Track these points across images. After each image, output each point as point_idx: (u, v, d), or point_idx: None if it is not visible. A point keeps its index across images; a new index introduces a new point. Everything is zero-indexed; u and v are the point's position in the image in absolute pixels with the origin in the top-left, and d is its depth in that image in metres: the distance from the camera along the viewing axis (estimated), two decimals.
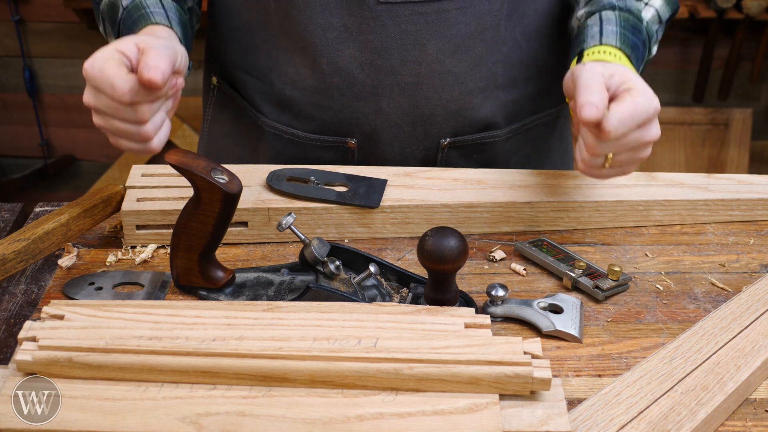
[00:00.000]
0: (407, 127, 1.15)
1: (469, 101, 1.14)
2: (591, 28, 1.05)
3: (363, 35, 1.08)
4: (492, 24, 1.10)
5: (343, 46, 1.09)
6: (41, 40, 3.15)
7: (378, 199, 1.04)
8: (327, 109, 1.15)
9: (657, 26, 1.11)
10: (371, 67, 1.10)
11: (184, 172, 0.87)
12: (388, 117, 1.14)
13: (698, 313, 0.92)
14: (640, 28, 1.06)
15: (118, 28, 1.06)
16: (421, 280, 0.93)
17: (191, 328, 0.74)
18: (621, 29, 1.03)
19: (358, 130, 1.16)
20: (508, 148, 1.23)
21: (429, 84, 1.11)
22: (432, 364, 0.69)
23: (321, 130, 1.17)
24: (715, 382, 0.78)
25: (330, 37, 1.09)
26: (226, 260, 1.00)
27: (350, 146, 1.17)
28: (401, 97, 1.12)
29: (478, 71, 1.13)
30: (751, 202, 1.09)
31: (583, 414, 0.74)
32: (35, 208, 1.10)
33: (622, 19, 1.04)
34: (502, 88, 1.17)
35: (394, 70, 1.10)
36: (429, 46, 1.09)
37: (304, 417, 0.67)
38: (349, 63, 1.10)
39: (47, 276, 0.97)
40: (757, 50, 3.05)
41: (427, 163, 1.19)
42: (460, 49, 1.10)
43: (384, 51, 1.08)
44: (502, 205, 1.05)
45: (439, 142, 1.17)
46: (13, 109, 3.28)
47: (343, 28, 1.08)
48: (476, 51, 1.11)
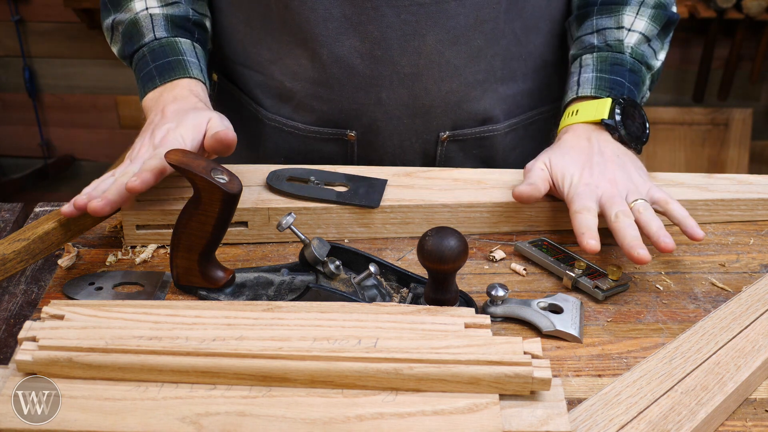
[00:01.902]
0: (406, 120, 1.16)
1: (467, 93, 1.15)
2: (572, 77, 1.13)
3: (363, 25, 1.09)
4: (491, 16, 1.11)
5: (343, 37, 1.10)
6: (41, 40, 3.16)
7: (378, 199, 1.04)
8: (327, 100, 1.15)
9: (645, 46, 1.13)
10: (371, 58, 1.11)
11: (184, 172, 0.87)
12: (387, 108, 1.14)
13: (698, 313, 0.92)
14: (621, 60, 1.11)
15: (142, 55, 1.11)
16: (421, 280, 0.93)
17: (191, 328, 0.74)
18: (597, 73, 1.10)
19: (358, 121, 1.16)
20: (507, 143, 1.23)
21: (428, 75, 1.12)
22: (432, 364, 0.69)
23: (321, 122, 1.18)
24: (715, 382, 0.78)
25: (330, 28, 1.09)
26: (226, 260, 1.00)
27: (350, 139, 1.18)
28: (401, 88, 1.13)
29: (477, 63, 1.14)
30: (751, 202, 1.09)
31: (583, 414, 0.74)
32: (35, 208, 1.10)
33: (599, 60, 1.11)
34: (501, 81, 1.18)
35: (393, 61, 1.11)
36: (428, 37, 1.10)
37: (304, 417, 0.67)
38: (349, 53, 1.11)
39: (47, 276, 0.97)
40: (757, 50, 3.05)
41: (427, 157, 1.20)
42: (459, 41, 1.11)
43: (384, 41, 1.09)
44: (502, 205, 1.05)
45: (439, 135, 1.18)
46: (13, 109, 3.28)
47: (344, 18, 1.09)
48: (475, 43, 1.12)
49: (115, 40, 1.17)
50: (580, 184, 1.00)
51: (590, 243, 0.92)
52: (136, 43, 1.13)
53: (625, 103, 1.07)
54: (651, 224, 0.95)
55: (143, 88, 1.10)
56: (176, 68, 1.08)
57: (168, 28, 1.13)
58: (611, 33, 1.14)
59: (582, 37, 1.17)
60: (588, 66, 1.12)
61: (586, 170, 1.01)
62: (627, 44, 1.13)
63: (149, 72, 1.09)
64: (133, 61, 1.14)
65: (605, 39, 1.13)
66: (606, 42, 1.13)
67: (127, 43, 1.14)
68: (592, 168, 1.01)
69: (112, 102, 3.24)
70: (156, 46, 1.11)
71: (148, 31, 1.12)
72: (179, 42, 1.12)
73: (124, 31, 1.14)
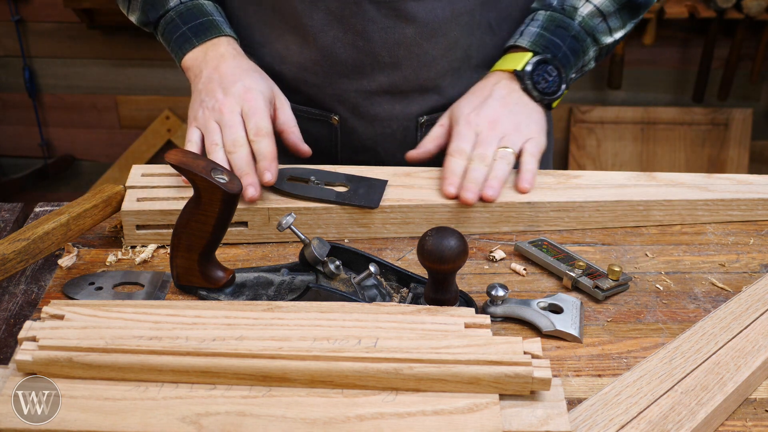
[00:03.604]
0: (386, 105, 1.21)
1: (444, 80, 1.20)
2: (519, 26, 1.19)
3: (346, 19, 1.14)
4: (466, 9, 1.16)
5: (327, 27, 1.15)
6: (41, 40, 3.15)
7: (378, 200, 1.04)
8: (312, 84, 1.21)
9: (599, 20, 1.18)
10: (353, 48, 1.16)
11: (184, 171, 0.87)
12: (368, 94, 1.20)
13: (698, 313, 0.92)
14: (568, 24, 1.16)
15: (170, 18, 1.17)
16: (421, 280, 0.93)
17: (191, 328, 0.74)
18: (540, 30, 1.16)
19: (341, 105, 1.22)
20: None
21: (407, 65, 1.17)
22: (432, 364, 0.69)
23: (307, 103, 1.24)
24: (715, 382, 0.78)
25: (316, 19, 1.15)
26: (226, 260, 1.00)
27: (333, 122, 1.23)
28: (381, 76, 1.18)
29: (453, 53, 1.19)
30: (751, 202, 1.09)
31: (583, 414, 0.74)
32: (35, 208, 1.10)
33: (548, 20, 1.17)
34: (475, 68, 1.23)
35: (374, 52, 1.16)
36: (407, 30, 1.14)
37: (304, 417, 0.67)
38: (333, 43, 1.16)
39: (47, 276, 0.97)
40: (757, 50, 3.05)
41: (407, 143, 1.23)
42: (437, 33, 1.16)
43: (365, 33, 1.15)
44: (502, 205, 1.05)
45: (418, 120, 1.23)
46: (13, 109, 3.28)
47: (328, 11, 1.14)
48: (452, 35, 1.17)
49: (133, 9, 1.21)
50: (462, 122, 1.10)
51: (449, 189, 1.04)
52: (161, 8, 1.18)
53: (543, 60, 1.14)
54: (494, 170, 1.06)
55: (180, 49, 1.16)
56: (210, 28, 1.15)
57: None
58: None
59: None
60: (536, 21, 1.18)
61: (474, 111, 1.11)
62: (580, 13, 1.17)
63: (183, 34, 1.16)
64: (160, 26, 1.19)
65: (563, 2, 1.18)
66: (562, 6, 1.18)
67: (150, 10, 1.19)
68: (481, 108, 1.11)
69: (112, 102, 3.24)
70: (183, 9, 1.17)
71: None
72: (204, 4, 1.18)
73: None
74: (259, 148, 1.03)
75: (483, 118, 1.10)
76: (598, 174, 1.13)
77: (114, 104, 3.25)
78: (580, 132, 3.17)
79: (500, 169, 1.06)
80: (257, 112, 1.06)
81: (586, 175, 1.12)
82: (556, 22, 1.16)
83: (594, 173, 1.13)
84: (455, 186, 1.04)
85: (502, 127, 1.09)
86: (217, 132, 1.05)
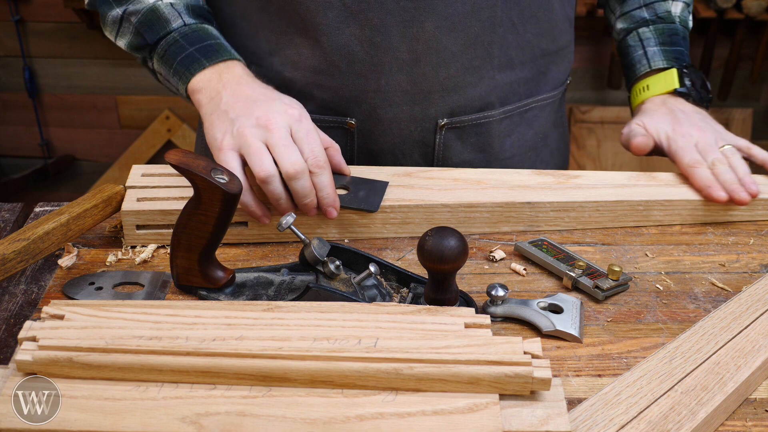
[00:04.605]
0: (405, 107, 1.17)
1: (464, 79, 1.17)
2: (634, 50, 1.27)
3: (363, 13, 1.11)
4: (488, 4, 1.14)
5: (342, 25, 1.12)
6: (41, 40, 3.15)
7: (378, 203, 1.04)
8: (327, 88, 1.17)
9: (687, 11, 1.29)
10: (371, 45, 1.13)
11: (184, 172, 0.87)
12: (387, 95, 1.16)
13: (698, 313, 0.92)
14: (676, 29, 1.26)
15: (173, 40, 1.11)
16: (421, 280, 0.93)
17: (191, 328, 0.74)
18: (660, 47, 1.25)
19: (358, 108, 1.18)
20: (502, 130, 1.24)
21: (426, 61, 1.14)
22: (432, 364, 0.69)
23: (321, 110, 1.19)
24: (715, 382, 0.78)
25: (330, 16, 1.11)
26: (226, 260, 1.00)
27: (350, 127, 1.19)
28: (399, 74, 1.15)
29: (473, 50, 1.16)
30: (751, 202, 1.09)
31: (583, 414, 0.74)
32: (35, 208, 1.10)
33: (658, 33, 1.26)
34: (498, 69, 1.19)
35: (392, 47, 1.13)
36: (426, 23, 1.12)
37: (304, 417, 0.67)
38: (350, 41, 1.13)
39: (47, 276, 0.97)
40: (757, 50, 3.05)
41: (426, 146, 1.21)
42: (457, 28, 1.13)
43: (383, 28, 1.11)
44: (502, 205, 1.05)
45: (437, 122, 1.19)
46: (13, 109, 3.28)
47: (343, 6, 1.11)
48: (472, 30, 1.14)
49: (122, 33, 1.17)
50: (677, 136, 1.15)
51: (720, 194, 1.08)
52: (161, 30, 1.12)
53: (688, 70, 1.22)
54: (738, 169, 1.12)
55: (186, 70, 1.08)
56: (219, 50, 1.10)
57: (192, 16, 1.14)
58: (660, 5, 1.28)
59: (631, 12, 1.30)
60: (649, 39, 1.26)
61: (676, 124, 1.17)
62: (674, 14, 1.27)
63: (190, 55, 1.09)
64: (159, 48, 1.13)
65: (655, 12, 1.27)
66: (657, 14, 1.27)
67: (147, 32, 1.13)
68: (680, 122, 1.17)
69: (112, 102, 3.24)
70: (188, 31, 1.11)
71: (175, 18, 1.13)
72: (209, 28, 1.14)
73: (142, 21, 1.13)
74: (321, 182, 0.98)
75: (689, 129, 1.16)
76: (598, 174, 1.13)
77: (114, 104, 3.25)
78: (580, 132, 3.17)
79: (741, 165, 1.13)
80: (309, 134, 1.00)
81: (586, 175, 1.12)
82: (666, 33, 1.25)
83: (594, 173, 1.13)
84: (722, 189, 1.09)
85: (708, 133, 1.16)
86: (267, 155, 0.97)
